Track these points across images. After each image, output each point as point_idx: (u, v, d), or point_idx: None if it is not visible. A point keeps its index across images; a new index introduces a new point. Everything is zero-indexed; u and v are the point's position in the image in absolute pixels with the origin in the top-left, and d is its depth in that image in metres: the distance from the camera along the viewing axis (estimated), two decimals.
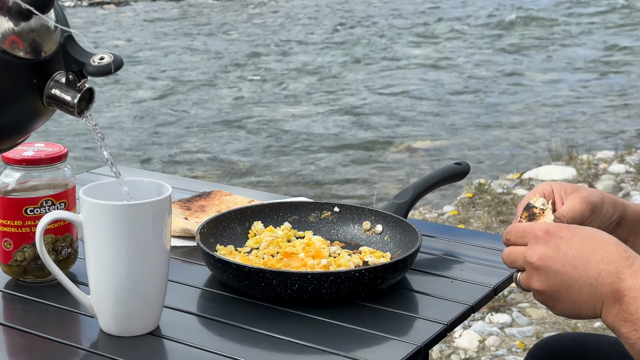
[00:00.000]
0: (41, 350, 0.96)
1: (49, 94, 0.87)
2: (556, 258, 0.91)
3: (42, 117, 0.90)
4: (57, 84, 0.87)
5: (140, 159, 4.89)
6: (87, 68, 0.86)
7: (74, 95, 0.88)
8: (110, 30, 9.16)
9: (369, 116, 5.71)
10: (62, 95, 0.88)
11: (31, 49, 0.85)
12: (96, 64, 0.86)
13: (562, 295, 0.92)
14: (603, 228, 1.02)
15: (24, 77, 0.85)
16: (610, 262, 0.89)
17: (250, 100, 6.18)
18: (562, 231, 0.92)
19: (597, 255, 0.89)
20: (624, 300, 0.88)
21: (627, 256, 0.89)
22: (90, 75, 0.87)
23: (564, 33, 8.68)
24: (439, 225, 1.40)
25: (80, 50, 0.88)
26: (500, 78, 6.79)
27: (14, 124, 0.88)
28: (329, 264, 1.13)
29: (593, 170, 4.17)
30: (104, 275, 0.96)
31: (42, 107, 0.88)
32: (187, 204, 1.37)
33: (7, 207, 1.09)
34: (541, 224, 0.94)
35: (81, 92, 0.88)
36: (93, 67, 0.85)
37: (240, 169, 4.67)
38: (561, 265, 0.90)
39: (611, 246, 0.90)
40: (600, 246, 0.90)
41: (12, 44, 0.83)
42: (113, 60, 0.85)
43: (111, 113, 5.84)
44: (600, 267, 0.89)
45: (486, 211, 3.66)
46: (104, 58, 0.86)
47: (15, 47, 0.83)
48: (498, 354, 2.55)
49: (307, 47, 8.16)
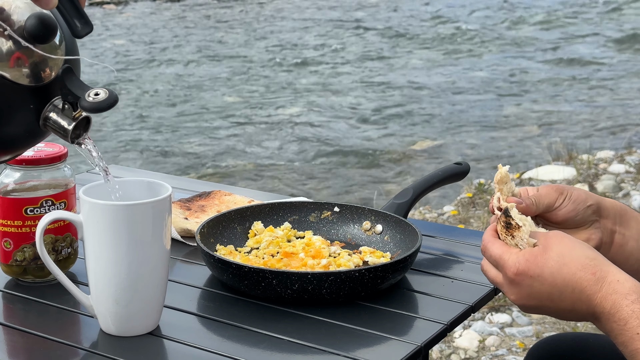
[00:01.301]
0: (41, 350, 0.96)
1: (46, 116, 0.88)
2: (532, 295, 0.95)
3: (37, 138, 0.91)
4: (55, 108, 0.88)
5: (140, 159, 4.89)
6: (82, 103, 0.87)
7: (69, 122, 0.89)
8: (110, 31, 9.16)
9: (368, 115, 5.71)
10: (58, 119, 0.89)
11: (32, 75, 0.86)
12: (91, 99, 0.86)
13: (547, 312, 0.97)
14: (581, 215, 1.03)
15: (21, 100, 0.86)
16: (580, 291, 0.92)
17: (250, 101, 6.18)
18: (531, 269, 0.94)
19: (567, 287, 0.92)
20: (601, 321, 0.92)
21: (596, 279, 0.91)
22: (84, 110, 0.87)
23: (565, 32, 8.68)
24: (439, 225, 1.40)
25: (78, 83, 0.88)
26: (500, 78, 6.79)
27: (6, 142, 0.89)
28: (329, 264, 1.13)
29: (593, 170, 4.17)
30: (104, 275, 0.96)
31: (38, 128, 0.89)
32: (187, 204, 1.37)
33: (7, 207, 1.09)
34: (511, 264, 0.95)
35: (77, 120, 0.89)
36: (87, 102, 0.86)
37: (241, 170, 4.67)
38: (538, 301, 0.95)
39: (579, 273, 0.92)
40: (569, 276, 0.92)
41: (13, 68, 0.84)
42: (107, 97, 0.86)
43: (112, 113, 5.84)
44: (573, 296, 0.92)
45: (486, 211, 3.66)
46: (99, 94, 0.86)
47: (18, 74, 0.84)
48: (498, 354, 2.55)
49: (308, 46, 8.16)
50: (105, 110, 0.86)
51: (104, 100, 0.86)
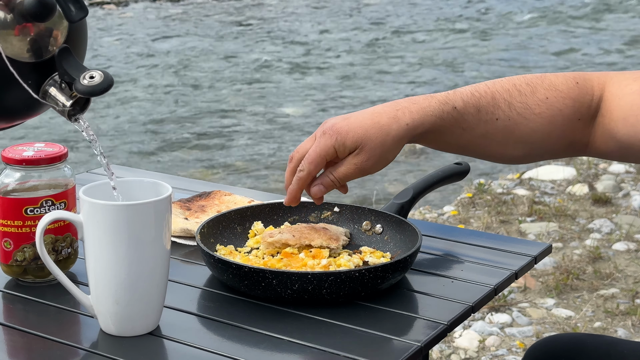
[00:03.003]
0: (41, 350, 0.96)
1: (45, 90, 0.88)
2: None
3: (36, 110, 0.91)
4: (55, 83, 0.88)
5: (140, 159, 4.89)
6: (76, 85, 0.86)
7: (67, 98, 0.88)
8: (110, 31, 9.16)
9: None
10: (57, 95, 0.88)
11: (31, 50, 0.86)
12: (86, 82, 0.85)
13: None
14: None
15: (19, 74, 0.86)
16: None
17: (251, 100, 6.18)
18: None
19: None
20: None
21: None
22: (78, 93, 0.87)
23: (568, 31, 8.69)
24: (439, 225, 1.40)
25: (74, 63, 0.88)
26: (500, 77, 6.79)
27: (2, 112, 0.89)
28: (329, 264, 1.13)
29: (593, 170, 4.17)
30: (104, 275, 0.97)
31: (37, 101, 0.89)
32: (187, 204, 1.37)
33: (7, 207, 1.09)
34: None
35: (74, 99, 0.89)
36: (82, 85, 0.85)
37: (239, 167, 4.67)
38: None
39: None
40: None
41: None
42: (102, 81, 0.85)
43: (112, 113, 5.84)
44: None
45: (486, 211, 3.66)
46: (94, 77, 0.86)
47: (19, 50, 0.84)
48: (498, 354, 2.55)
49: (308, 46, 8.16)
50: (100, 94, 0.85)
51: (99, 84, 0.85)
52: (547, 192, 3.92)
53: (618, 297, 2.87)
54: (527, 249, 1.26)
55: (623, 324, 2.70)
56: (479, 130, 1.09)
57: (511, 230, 3.47)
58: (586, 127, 1.10)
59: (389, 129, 1.06)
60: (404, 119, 1.07)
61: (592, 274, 3.04)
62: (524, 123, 1.09)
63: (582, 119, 1.10)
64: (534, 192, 3.91)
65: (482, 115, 1.09)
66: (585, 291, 2.93)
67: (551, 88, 1.09)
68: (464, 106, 1.08)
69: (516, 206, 3.72)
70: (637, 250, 3.26)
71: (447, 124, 1.08)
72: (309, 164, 1.07)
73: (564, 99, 1.09)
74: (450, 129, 1.09)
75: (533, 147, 1.11)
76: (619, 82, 1.09)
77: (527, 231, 3.44)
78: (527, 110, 1.09)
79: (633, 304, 2.83)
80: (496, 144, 1.11)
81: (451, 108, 1.08)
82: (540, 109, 1.08)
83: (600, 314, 2.77)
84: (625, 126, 1.06)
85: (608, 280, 2.99)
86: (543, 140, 1.10)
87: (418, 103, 1.08)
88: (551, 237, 3.39)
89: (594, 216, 3.62)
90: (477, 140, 1.10)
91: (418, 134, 1.08)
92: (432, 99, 1.09)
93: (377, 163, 1.07)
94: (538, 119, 1.09)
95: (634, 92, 1.06)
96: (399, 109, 1.08)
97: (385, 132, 1.06)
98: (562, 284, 2.96)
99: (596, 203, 3.77)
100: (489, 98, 1.09)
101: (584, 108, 1.09)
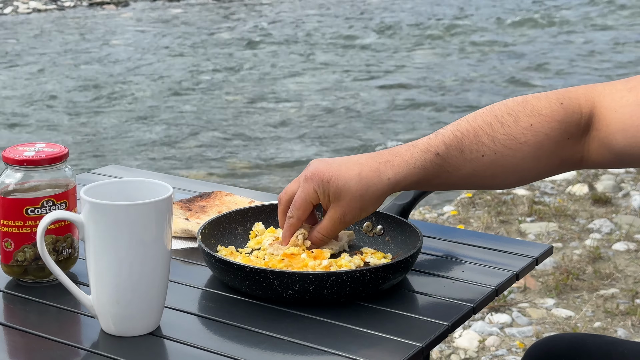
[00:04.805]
0: (41, 350, 0.96)
1: None
2: None
3: None
4: None
5: (141, 159, 4.89)
6: None
7: None
8: (110, 31, 9.16)
9: (368, 114, 5.72)
10: None
11: None
12: None
13: None
14: None
15: None
16: None
17: (251, 100, 6.18)
18: None
19: None
20: None
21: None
22: None
23: (570, 32, 8.69)
24: (440, 226, 1.40)
25: None
26: (499, 77, 6.80)
27: None
28: (330, 265, 1.13)
29: (593, 170, 4.18)
30: (104, 276, 0.96)
31: None
32: (188, 204, 1.37)
33: (8, 208, 1.09)
34: None
35: None
36: None
37: (242, 170, 4.67)
38: None
39: None
40: None
41: None
42: None
43: (113, 113, 5.84)
44: None
45: (486, 211, 3.67)
46: None
47: None
48: (498, 354, 2.55)
49: (308, 45, 8.16)
50: None
51: None
52: (547, 192, 3.92)
53: (618, 297, 2.88)
54: (528, 250, 1.26)
55: (623, 324, 2.70)
56: (466, 170, 1.08)
57: (511, 230, 3.47)
58: (577, 144, 1.09)
59: (368, 182, 1.07)
60: (385, 173, 1.07)
61: (592, 274, 3.04)
62: (510, 154, 1.07)
63: (571, 138, 1.08)
64: (534, 192, 3.92)
65: (466, 155, 1.08)
66: (585, 291, 2.93)
67: (534, 114, 1.07)
68: (446, 150, 1.07)
69: (516, 206, 3.72)
70: (637, 251, 3.26)
71: (432, 172, 1.08)
72: (297, 210, 1.12)
73: (549, 123, 1.07)
74: (436, 175, 1.08)
75: (524, 174, 1.10)
76: (611, 94, 1.07)
77: (527, 231, 3.44)
78: (512, 141, 1.07)
79: (633, 304, 2.83)
80: (487, 178, 1.10)
81: (433, 155, 1.07)
82: (525, 137, 1.07)
83: (600, 314, 2.77)
84: (625, 137, 1.05)
85: (608, 281, 2.99)
86: (533, 165, 1.09)
87: (400, 155, 1.08)
88: (551, 237, 3.39)
89: (594, 216, 3.62)
90: (465, 179, 1.10)
91: (401, 188, 1.09)
92: (414, 149, 1.08)
93: (357, 216, 1.11)
94: (524, 147, 1.07)
95: (632, 103, 1.05)
96: (382, 162, 1.08)
97: (365, 186, 1.07)
98: (562, 284, 2.96)
99: (596, 203, 3.77)
100: (471, 136, 1.08)
101: (572, 127, 1.08)
